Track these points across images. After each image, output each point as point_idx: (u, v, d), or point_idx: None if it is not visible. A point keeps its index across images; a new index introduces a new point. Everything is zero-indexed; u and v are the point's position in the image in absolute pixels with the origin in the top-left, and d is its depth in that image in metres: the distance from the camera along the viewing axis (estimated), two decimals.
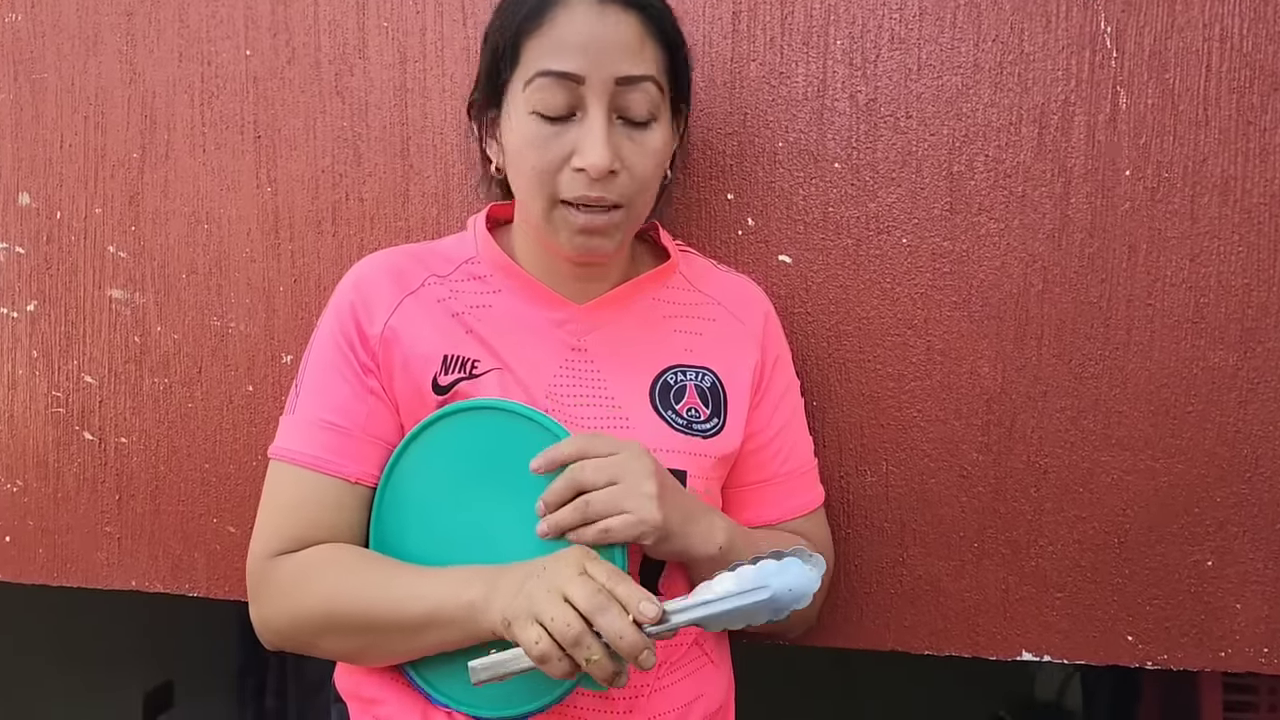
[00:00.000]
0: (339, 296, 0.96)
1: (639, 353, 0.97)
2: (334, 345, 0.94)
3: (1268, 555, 1.07)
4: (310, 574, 0.89)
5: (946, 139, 1.09)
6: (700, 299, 1.02)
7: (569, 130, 0.87)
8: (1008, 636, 1.12)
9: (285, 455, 0.93)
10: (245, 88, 1.19)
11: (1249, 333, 1.06)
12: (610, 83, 0.86)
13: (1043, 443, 1.10)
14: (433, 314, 0.94)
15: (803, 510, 1.02)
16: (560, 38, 0.86)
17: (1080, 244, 1.08)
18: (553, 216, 0.90)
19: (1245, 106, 1.05)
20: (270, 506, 0.94)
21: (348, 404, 0.93)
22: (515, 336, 0.95)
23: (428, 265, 0.97)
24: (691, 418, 0.96)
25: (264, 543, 0.93)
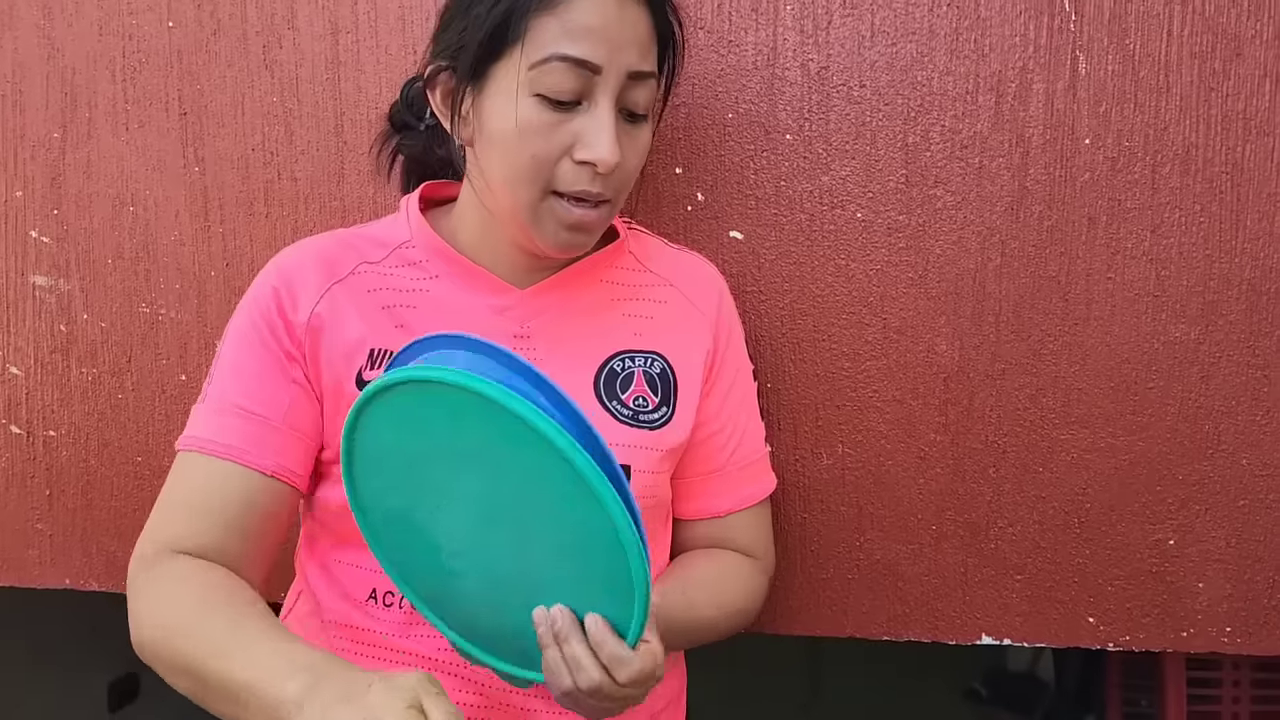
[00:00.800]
0: (260, 282, 0.90)
1: (585, 339, 0.93)
2: (254, 331, 0.88)
3: (1230, 533, 1.05)
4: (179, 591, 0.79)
5: (901, 109, 1.05)
6: (651, 280, 0.97)
7: (572, 119, 0.82)
8: (967, 620, 1.10)
9: (194, 444, 0.85)
10: (169, 62, 1.13)
11: (1211, 306, 1.03)
12: (623, 76, 0.82)
13: (1001, 422, 1.07)
14: (362, 304, 0.89)
15: (751, 500, 0.99)
16: (581, 23, 0.80)
17: (1039, 216, 1.05)
18: (541, 208, 0.84)
19: (1207, 73, 1.01)
20: (169, 499, 0.86)
21: (268, 392, 0.87)
22: (452, 325, 0.89)
23: (358, 251, 0.92)
24: (638, 407, 0.92)
25: (154, 534, 0.84)
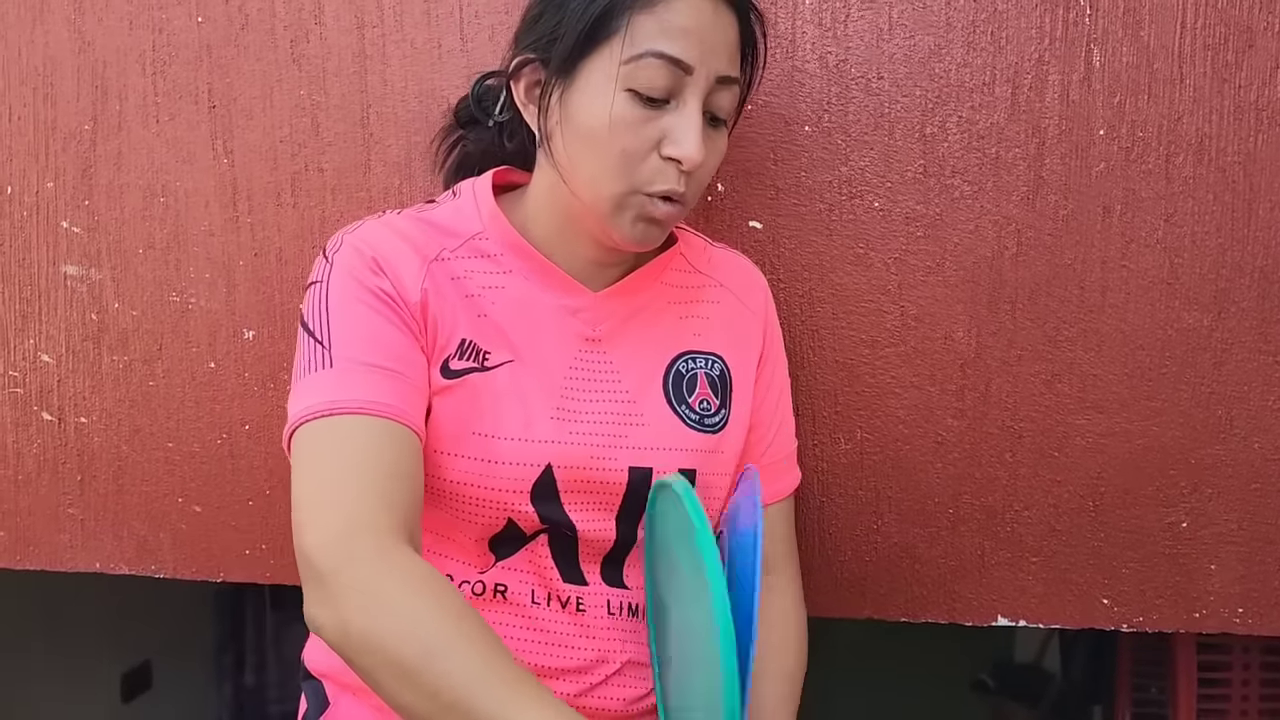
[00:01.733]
0: (349, 256, 0.85)
1: (651, 342, 0.94)
2: (367, 292, 0.83)
3: (1242, 516, 1.07)
4: (431, 606, 0.71)
5: (919, 100, 1.07)
6: (702, 281, 0.99)
7: (662, 117, 0.83)
8: (984, 601, 1.12)
9: (352, 407, 0.78)
10: (199, 56, 1.15)
11: (1223, 293, 1.05)
12: (712, 79, 0.84)
13: (1018, 407, 1.09)
14: (451, 290, 0.88)
15: (780, 495, 1.01)
16: (677, 23, 0.82)
17: (1054, 206, 1.06)
18: (626, 203, 0.85)
19: (1220, 64, 1.03)
20: (342, 471, 0.76)
21: (404, 349, 0.83)
22: (528, 324, 0.90)
23: (434, 237, 0.89)
24: (704, 411, 0.94)
25: (353, 511, 0.74)
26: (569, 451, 0.88)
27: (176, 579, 1.22)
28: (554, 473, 0.87)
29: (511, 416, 0.87)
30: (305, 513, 0.76)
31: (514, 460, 0.86)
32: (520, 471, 0.86)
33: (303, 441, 0.79)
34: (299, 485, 0.78)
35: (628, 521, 0.91)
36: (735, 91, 0.88)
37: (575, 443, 0.88)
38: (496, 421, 0.86)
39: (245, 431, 1.18)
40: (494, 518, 0.87)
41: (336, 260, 0.85)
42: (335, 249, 0.87)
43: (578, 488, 0.88)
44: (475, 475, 0.86)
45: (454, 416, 0.86)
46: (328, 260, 0.86)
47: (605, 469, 0.89)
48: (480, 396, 0.87)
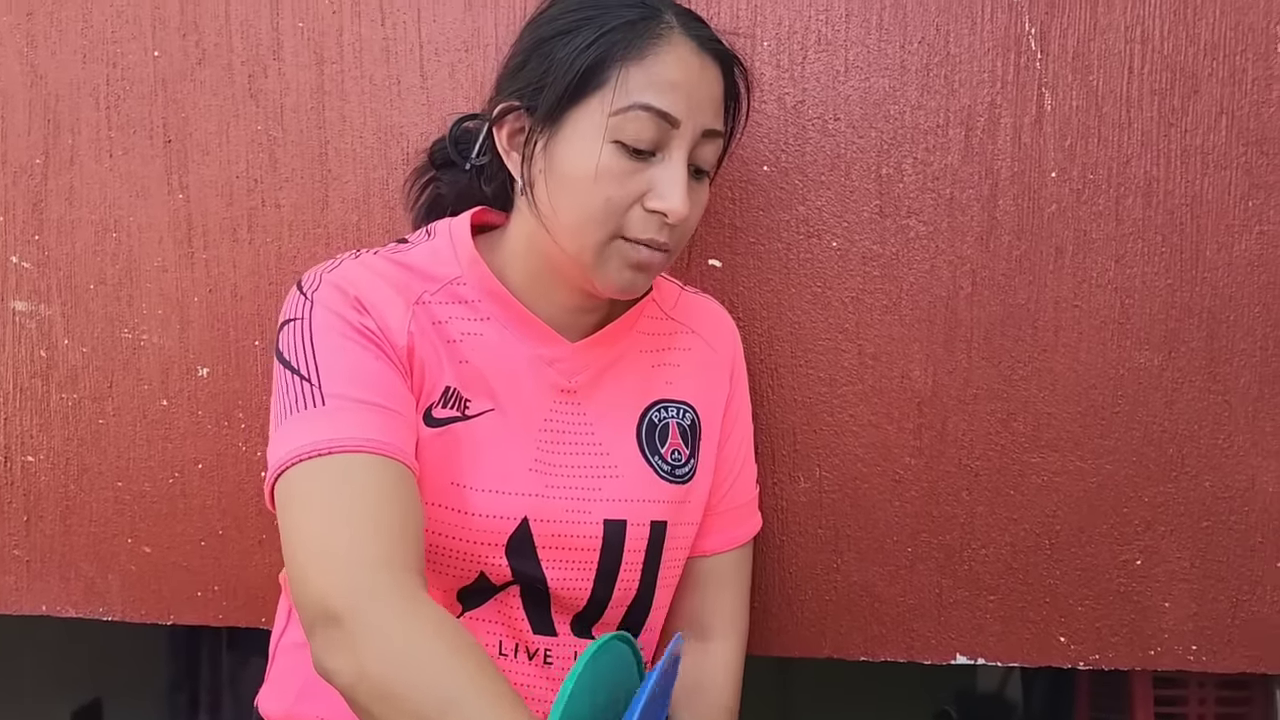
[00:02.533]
0: (330, 294, 0.82)
1: (624, 392, 0.94)
2: (352, 329, 0.81)
3: (1194, 554, 1.08)
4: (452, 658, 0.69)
5: (875, 141, 1.09)
6: (674, 327, 0.99)
7: (647, 169, 0.83)
8: (942, 640, 1.12)
9: (344, 445, 0.75)
10: (154, 90, 1.14)
11: (1173, 334, 1.07)
12: (698, 132, 0.84)
13: (974, 445, 1.10)
14: (433, 335, 0.86)
15: (738, 542, 1.01)
16: (666, 76, 0.82)
17: (1008, 246, 1.08)
18: (608, 250, 0.84)
19: (1167, 109, 1.05)
20: (343, 511, 0.74)
21: (394, 386, 0.80)
22: (506, 373, 0.88)
23: (415, 279, 0.87)
24: (675, 462, 0.93)
25: (364, 551, 0.71)
26: (546, 505, 0.87)
27: (125, 622, 1.19)
28: (530, 526, 0.86)
29: (490, 467, 0.86)
30: (309, 556, 0.72)
31: (490, 513, 0.85)
32: (496, 524, 0.85)
33: (297, 483, 0.76)
34: (299, 528, 0.74)
35: (604, 579, 0.90)
36: (719, 144, 0.88)
37: (552, 496, 0.87)
38: (474, 472, 0.85)
39: (198, 470, 1.16)
40: (465, 570, 0.86)
41: (316, 297, 0.83)
42: (313, 286, 0.84)
43: (554, 542, 0.87)
44: (450, 526, 0.84)
45: (434, 465, 0.84)
46: (306, 297, 0.83)
47: (581, 522, 0.88)
48: (461, 446, 0.85)
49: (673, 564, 0.95)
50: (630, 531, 0.90)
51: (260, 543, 1.16)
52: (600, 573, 0.89)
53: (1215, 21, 1.04)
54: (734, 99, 0.91)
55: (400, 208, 1.12)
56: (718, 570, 1.00)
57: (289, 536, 0.75)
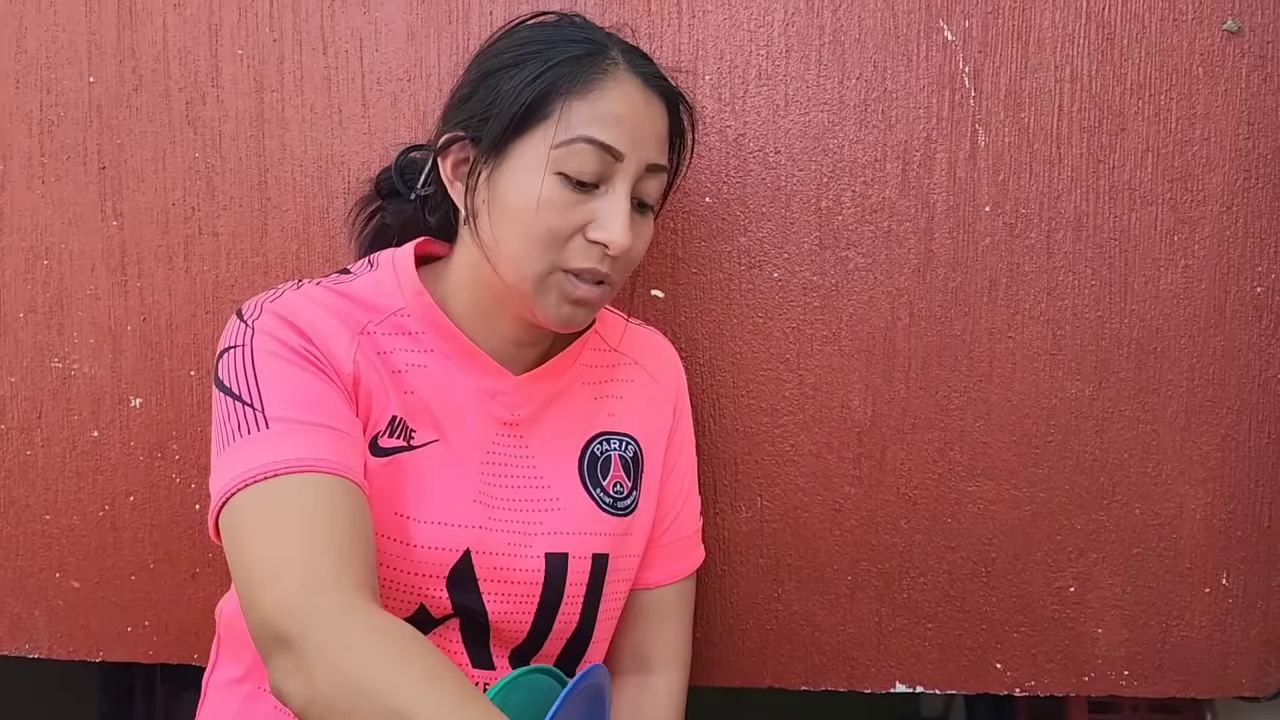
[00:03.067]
0: (272, 322, 0.82)
1: (567, 425, 0.94)
2: (295, 354, 0.80)
3: (1125, 580, 1.11)
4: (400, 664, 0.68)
5: (815, 174, 1.10)
6: (618, 359, 0.99)
7: (589, 201, 0.83)
8: (882, 668, 1.13)
9: (290, 467, 0.74)
10: (89, 116, 1.13)
11: (1103, 364, 1.09)
12: (642, 166, 0.85)
13: (912, 475, 1.11)
14: (378, 365, 0.85)
15: (681, 575, 1.01)
16: (610, 110, 0.83)
17: (944, 278, 1.10)
18: (548, 281, 0.84)
19: (1095, 146, 1.08)
20: (292, 532, 0.73)
21: (339, 408, 0.80)
22: (450, 404, 0.88)
23: (359, 309, 0.87)
24: (617, 494, 0.93)
25: (310, 571, 0.71)
26: (488, 537, 0.86)
27: (52, 659, 1.16)
28: (472, 559, 0.85)
29: (434, 499, 0.85)
30: (259, 580, 0.72)
31: (432, 544, 0.84)
32: (438, 556, 0.84)
33: (242, 509, 0.75)
34: (246, 554, 0.73)
35: (545, 612, 0.89)
36: (663, 179, 0.89)
37: (494, 529, 0.87)
38: (418, 503, 0.84)
39: (129, 503, 1.13)
40: (405, 602, 0.84)
41: (257, 325, 0.82)
42: (254, 314, 0.83)
43: (496, 575, 0.87)
44: (392, 558, 0.83)
45: (379, 495, 0.83)
46: (246, 324, 0.82)
47: (522, 555, 0.88)
48: (405, 476, 0.84)
49: (614, 596, 0.94)
50: (572, 564, 0.89)
51: (193, 577, 1.14)
52: (541, 605, 0.89)
53: (1141, 62, 1.08)
54: (679, 135, 0.92)
55: (341, 236, 1.11)
56: (661, 603, 1.00)
57: (237, 563, 0.74)
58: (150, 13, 1.11)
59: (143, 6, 1.11)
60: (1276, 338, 1.09)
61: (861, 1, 1.08)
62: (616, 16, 1.09)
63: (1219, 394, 1.09)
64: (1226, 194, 1.08)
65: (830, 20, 1.09)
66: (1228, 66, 1.07)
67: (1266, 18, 1.07)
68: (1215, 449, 1.09)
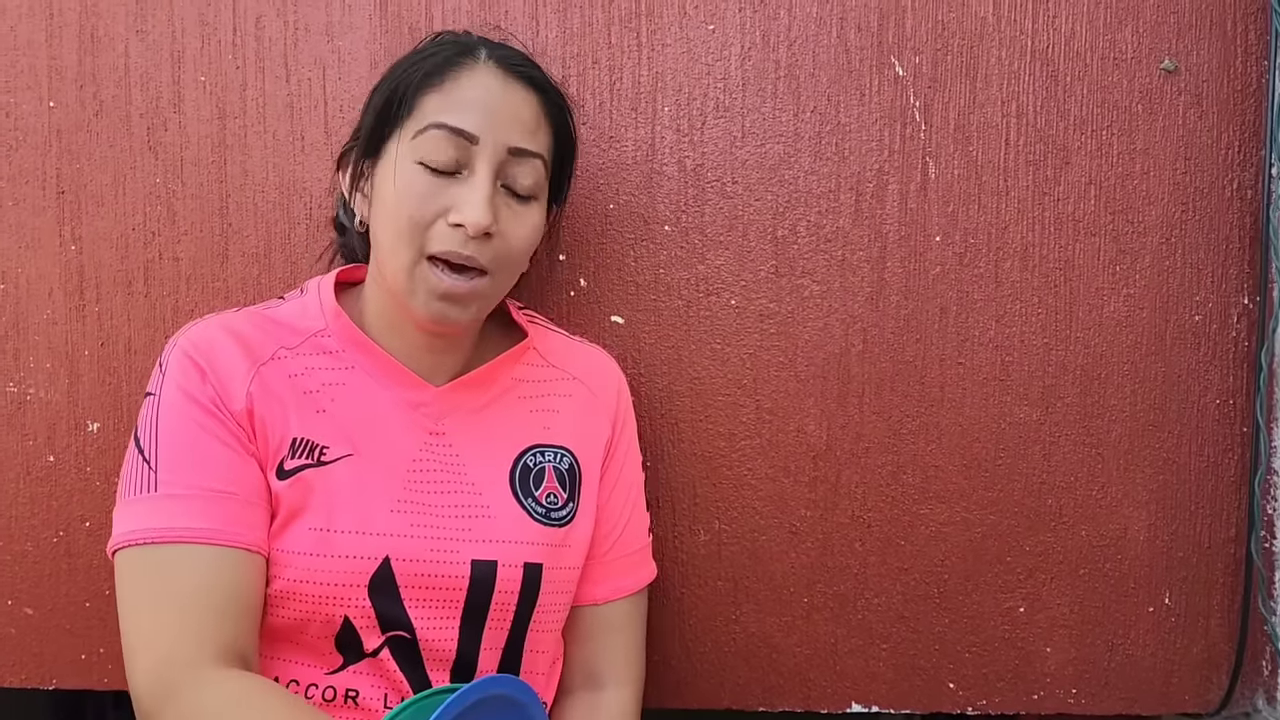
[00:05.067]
0: (179, 364, 0.86)
1: (498, 436, 0.95)
2: (196, 407, 0.85)
3: (1072, 600, 1.14)
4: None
5: (771, 204, 1.13)
6: (556, 375, 1.01)
7: (451, 187, 0.86)
8: (838, 689, 1.14)
9: (172, 535, 0.80)
10: (48, 140, 1.12)
11: (1049, 389, 1.13)
12: (502, 149, 0.87)
13: (866, 498, 1.13)
14: (284, 391, 0.88)
15: (629, 590, 1.01)
16: (461, 96, 0.86)
17: (896, 306, 1.13)
18: (415, 273, 0.86)
19: (1040, 179, 1.12)
20: (164, 601, 0.80)
21: (231, 467, 0.84)
22: (370, 418, 0.90)
23: (274, 335, 0.90)
24: (550, 505, 0.95)
25: (173, 647, 0.78)
26: (409, 545, 0.87)
27: (3, 687, 1.14)
28: (392, 565, 0.86)
29: (348, 510, 0.87)
30: (128, 649, 0.80)
31: (350, 553, 0.85)
32: (356, 564, 0.85)
33: (125, 567, 0.82)
34: (122, 615, 0.82)
35: (471, 621, 0.90)
36: (535, 165, 0.90)
37: (416, 535, 0.88)
38: (332, 515, 0.86)
39: (84, 529, 1.13)
40: (330, 614, 0.86)
41: (168, 369, 0.87)
42: (169, 353, 0.88)
43: (418, 582, 0.87)
44: (310, 571, 0.85)
45: (289, 514, 0.86)
46: (162, 370, 0.87)
47: (447, 562, 0.88)
48: (315, 492, 0.86)
49: (550, 608, 0.95)
50: (501, 572, 0.90)
51: None
52: (466, 613, 0.89)
53: (1083, 99, 1.12)
54: (555, 126, 0.93)
55: (303, 262, 1.12)
56: (609, 618, 1.01)
57: (121, 621, 0.82)
58: (112, 39, 1.12)
59: (105, 32, 1.12)
60: (1214, 364, 1.13)
61: (816, 37, 1.11)
62: (577, 48, 1.11)
63: (1160, 418, 1.13)
64: (1165, 226, 1.12)
65: (785, 55, 1.12)
66: (1165, 104, 1.11)
67: (1201, 58, 1.11)
68: (1157, 472, 1.13)
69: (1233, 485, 1.13)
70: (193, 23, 1.11)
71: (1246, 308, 1.12)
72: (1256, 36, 1.11)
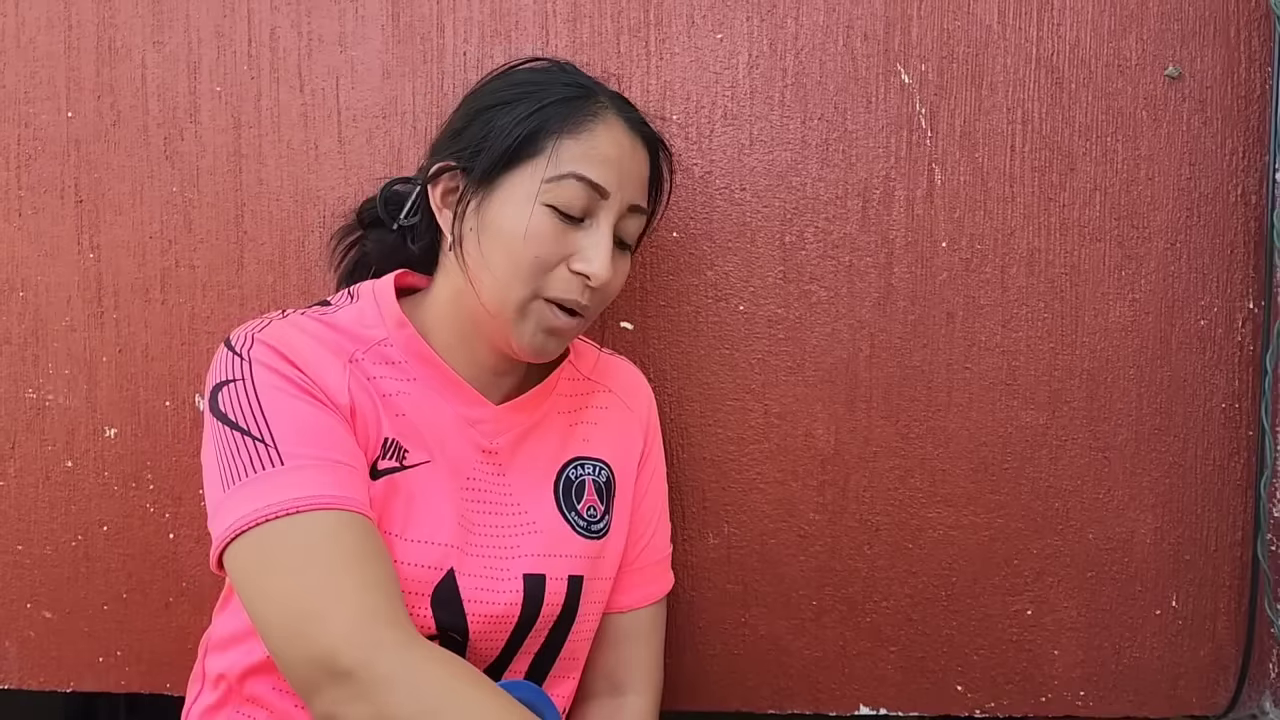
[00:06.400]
0: (265, 353, 0.83)
1: (543, 452, 0.97)
2: (298, 389, 0.82)
3: (1080, 603, 1.14)
4: (472, 694, 0.73)
5: (779, 211, 1.14)
6: (591, 387, 1.03)
7: (575, 233, 0.88)
8: (846, 692, 1.15)
9: (316, 503, 0.77)
10: (66, 150, 1.14)
11: (1056, 394, 1.13)
12: (625, 206, 0.90)
13: (874, 502, 1.14)
14: (371, 389, 0.88)
15: (652, 599, 1.03)
16: (600, 151, 0.88)
17: (903, 311, 1.14)
18: (529, 309, 0.88)
19: (1046, 185, 1.13)
20: (330, 566, 0.75)
21: (347, 441, 0.82)
22: (436, 429, 0.91)
23: (343, 340, 0.89)
24: (590, 518, 0.96)
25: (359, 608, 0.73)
26: (469, 560, 0.89)
27: (22, 689, 1.16)
28: (456, 578, 0.87)
29: (422, 517, 0.87)
30: (301, 615, 0.73)
31: (418, 562, 0.86)
32: (423, 574, 0.86)
33: (263, 543, 0.76)
34: (283, 588, 0.75)
35: (521, 631, 0.91)
36: (642, 220, 0.95)
37: (474, 552, 0.89)
38: (406, 521, 0.86)
39: (103, 533, 1.14)
40: None
41: (253, 356, 0.83)
42: (246, 345, 0.84)
43: (478, 596, 0.89)
44: None
45: (377, 515, 0.85)
46: (241, 356, 0.84)
47: (501, 577, 0.90)
48: (398, 495, 0.87)
49: (587, 617, 0.97)
50: (549, 585, 0.92)
51: (167, 606, 1.15)
52: (519, 626, 0.91)
53: (1089, 105, 1.13)
54: (657, 179, 0.98)
55: (317, 270, 1.13)
56: (633, 626, 1.02)
57: (265, 598, 0.76)
58: (129, 50, 1.13)
59: (122, 44, 1.13)
60: (1219, 368, 1.13)
61: (823, 45, 1.13)
62: (587, 58, 1.13)
63: (1166, 422, 1.14)
64: (1170, 231, 1.13)
65: (793, 63, 1.13)
66: (1170, 110, 1.12)
67: (1205, 64, 1.12)
68: (1164, 475, 1.14)
69: (1239, 488, 1.14)
70: (209, 34, 1.13)
71: (1251, 312, 1.13)
72: (1260, 43, 1.12)
